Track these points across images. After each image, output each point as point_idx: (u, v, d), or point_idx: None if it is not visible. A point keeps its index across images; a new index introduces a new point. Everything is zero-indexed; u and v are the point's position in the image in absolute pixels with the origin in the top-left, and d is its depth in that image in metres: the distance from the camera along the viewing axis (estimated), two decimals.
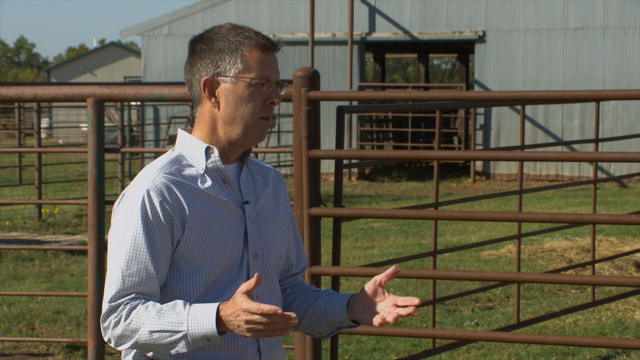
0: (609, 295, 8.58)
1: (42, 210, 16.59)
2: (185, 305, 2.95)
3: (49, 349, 8.16)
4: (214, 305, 2.92)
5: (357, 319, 3.15)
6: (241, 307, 2.86)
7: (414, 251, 12.85)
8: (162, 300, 3.05)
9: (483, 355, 7.82)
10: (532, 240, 13.24)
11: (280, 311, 2.85)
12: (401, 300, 3.04)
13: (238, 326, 2.88)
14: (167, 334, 2.93)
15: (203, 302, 3.03)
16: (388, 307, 3.06)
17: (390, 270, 3.08)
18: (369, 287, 3.11)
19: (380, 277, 3.09)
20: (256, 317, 2.84)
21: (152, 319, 2.94)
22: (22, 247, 6.86)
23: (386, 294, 3.09)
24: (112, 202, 5.96)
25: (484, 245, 8.80)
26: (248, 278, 3.11)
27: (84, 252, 12.28)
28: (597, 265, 10.45)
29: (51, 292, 9.30)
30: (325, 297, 3.24)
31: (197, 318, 2.92)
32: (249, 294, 2.88)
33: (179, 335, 2.93)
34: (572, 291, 10.26)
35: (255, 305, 2.84)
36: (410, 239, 14.18)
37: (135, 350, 3.11)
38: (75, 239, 13.99)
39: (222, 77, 3.08)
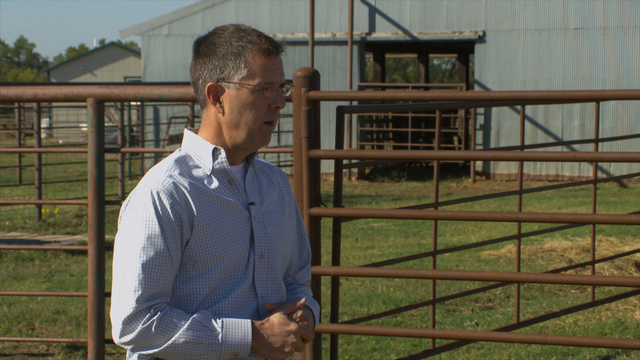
0: (609, 295, 8.57)
1: (42, 210, 16.58)
2: (214, 317, 3.02)
3: (49, 349, 8.16)
4: (248, 322, 3.04)
5: None
6: (295, 329, 3.08)
7: (414, 251, 12.84)
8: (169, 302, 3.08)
9: (483, 355, 7.82)
10: (532, 240, 13.23)
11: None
12: None
13: (282, 344, 3.06)
14: (201, 345, 2.99)
15: (209, 303, 3.07)
16: None
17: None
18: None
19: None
20: (299, 343, 3.10)
21: (185, 329, 2.99)
22: (22, 247, 6.83)
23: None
24: (112, 202, 5.99)
25: (484, 245, 8.79)
26: (254, 279, 3.14)
27: (84, 252, 12.28)
28: (597, 265, 10.45)
29: (51, 292, 9.29)
30: None
31: (231, 333, 3.01)
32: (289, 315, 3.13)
33: (213, 347, 3.00)
34: (572, 291, 10.26)
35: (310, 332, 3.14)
36: (410, 239, 14.18)
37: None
38: (75, 239, 13.99)
39: (226, 83, 3.09)
